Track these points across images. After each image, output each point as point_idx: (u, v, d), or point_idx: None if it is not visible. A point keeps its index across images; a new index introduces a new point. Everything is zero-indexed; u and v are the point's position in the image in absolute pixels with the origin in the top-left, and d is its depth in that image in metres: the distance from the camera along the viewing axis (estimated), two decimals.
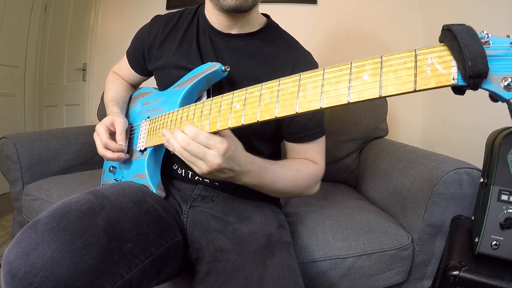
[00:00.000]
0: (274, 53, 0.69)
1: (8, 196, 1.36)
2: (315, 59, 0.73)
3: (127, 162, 0.73)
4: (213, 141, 0.47)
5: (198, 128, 0.48)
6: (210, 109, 0.49)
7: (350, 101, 0.34)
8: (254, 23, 0.71)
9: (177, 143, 0.49)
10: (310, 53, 0.73)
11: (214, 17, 0.69)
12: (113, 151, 0.67)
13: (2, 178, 1.17)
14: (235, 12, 0.63)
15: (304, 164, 0.68)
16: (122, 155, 0.68)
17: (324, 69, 0.37)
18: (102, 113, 1.48)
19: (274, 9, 1.61)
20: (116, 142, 0.67)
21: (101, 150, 0.67)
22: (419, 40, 1.54)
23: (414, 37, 1.55)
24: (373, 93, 0.32)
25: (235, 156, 0.50)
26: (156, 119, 0.65)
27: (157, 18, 0.77)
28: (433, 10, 1.46)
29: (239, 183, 0.57)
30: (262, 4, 0.70)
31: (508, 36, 0.30)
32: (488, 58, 0.28)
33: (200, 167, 0.50)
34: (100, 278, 0.45)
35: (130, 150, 0.72)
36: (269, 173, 0.59)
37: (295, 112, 0.38)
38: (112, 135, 0.69)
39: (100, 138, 0.67)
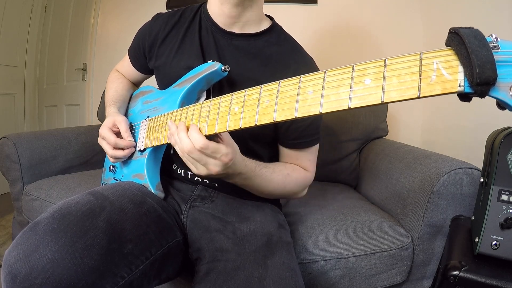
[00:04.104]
0: (276, 55, 0.69)
1: (8, 196, 1.36)
2: (315, 60, 0.73)
3: (126, 161, 0.73)
4: (219, 155, 0.49)
5: (204, 139, 0.48)
6: (209, 110, 0.49)
7: (351, 107, 0.32)
8: (258, 23, 0.70)
9: (182, 146, 0.50)
10: (312, 58, 0.73)
11: (218, 8, 0.68)
12: (124, 149, 0.68)
13: (2, 178, 1.17)
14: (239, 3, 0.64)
15: (294, 170, 0.69)
16: (133, 150, 0.68)
17: (325, 72, 0.35)
18: (102, 113, 1.48)
19: (274, 9, 1.59)
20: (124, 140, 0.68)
21: (111, 152, 0.67)
22: (419, 40, 1.54)
23: (414, 37, 1.54)
24: (375, 99, 0.31)
25: (233, 164, 0.52)
26: (155, 119, 0.64)
27: (158, 16, 0.77)
28: (433, 10, 1.46)
29: (228, 181, 0.60)
30: None
31: None
32: (496, 64, 0.26)
33: (199, 170, 0.52)
34: (101, 279, 0.45)
35: None
36: (258, 177, 0.61)
37: (294, 117, 0.37)
38: (117, 135, 0.69)
39: (108, 140, 0.67)
